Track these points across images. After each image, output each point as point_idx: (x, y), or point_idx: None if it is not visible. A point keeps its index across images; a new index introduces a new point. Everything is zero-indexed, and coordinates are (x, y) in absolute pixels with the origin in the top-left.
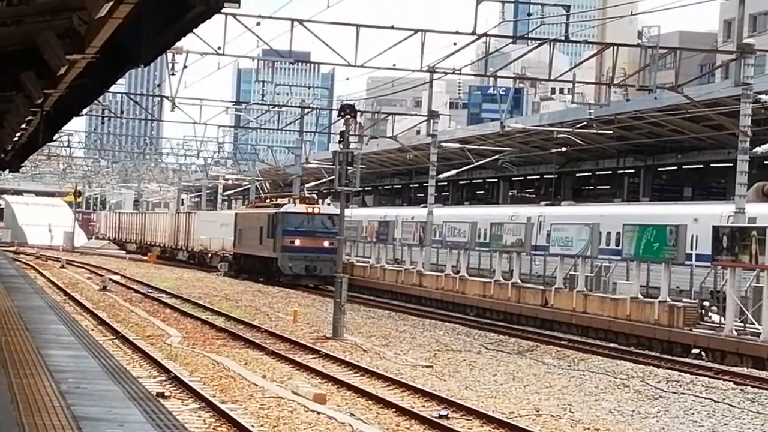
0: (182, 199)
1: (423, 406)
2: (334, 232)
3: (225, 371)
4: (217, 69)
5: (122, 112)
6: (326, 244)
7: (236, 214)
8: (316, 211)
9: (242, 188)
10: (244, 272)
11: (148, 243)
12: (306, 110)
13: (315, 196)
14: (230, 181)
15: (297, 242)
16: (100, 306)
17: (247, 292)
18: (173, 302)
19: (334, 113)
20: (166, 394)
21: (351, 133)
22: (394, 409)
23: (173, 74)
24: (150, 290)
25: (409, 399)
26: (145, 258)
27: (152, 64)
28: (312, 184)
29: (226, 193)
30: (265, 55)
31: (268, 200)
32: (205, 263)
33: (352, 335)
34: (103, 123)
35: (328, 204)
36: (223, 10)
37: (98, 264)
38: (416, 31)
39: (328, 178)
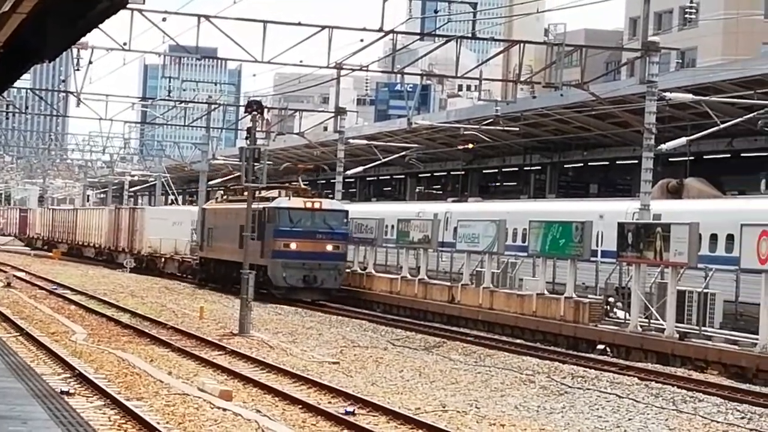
0: (88, 195)
1: (329, 403)
2: (340, 232)
3: (130, 368)
4: (122, 65)
5: (27, 107)
6: (329, 247)
7: (203, 210)
8: (317, 206)
9: (148, 184)
10: (213, 281)
11: (80, 244)
12: (213, 106)
13: (309, 187)
14: (136, 177)
15: (293, 245)
16: (4, 303)
17: (153, 288)
18: (78, 299)
19: (241, 109)
20: (70, 391)
21: (258, 129)
22: (300, 406)
23: (78, 70)
24: (55, 287)
25: (315, 395)
26: (50, 254)
27: (57, 60)
28: (218, 180)
29: (132, 190)
30: (172, 51)
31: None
32: (155, 268)
33: (259, 332)
34: (7, 118)
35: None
36: (128, 6)
37: (2, 260)
38: (323, 27)
39: (235, 175)
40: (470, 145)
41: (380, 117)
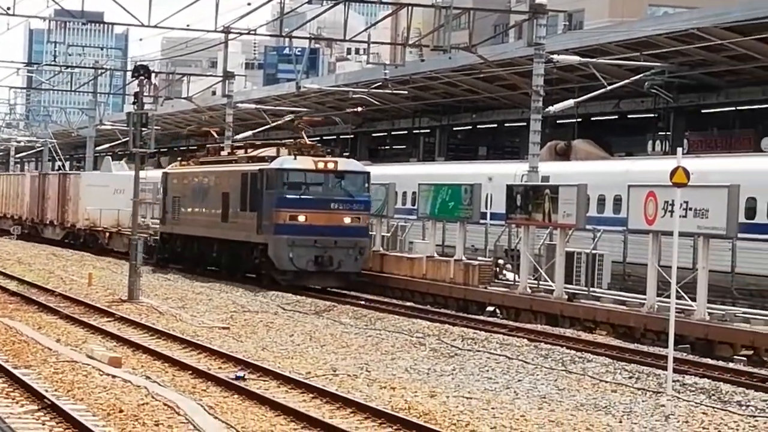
0: None
1: (220, 368)
2: (361, 200)
3: (18, 336)
4: (6, 29)
5: None
6: (348, 220)
7: (165, 175)
8: (331, 166)
9: (35, 150)
10: (178, 262)
11: None
12: (100, 71)
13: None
14: (22, 144)
15: (301, 218)
16: None
17: (40, 255)
18: None
19: (128, 74)
20: None
21: (145, 94)
22: (190, 371)
23: None
24: None
25: (205, 361)
26: None
27: None
28: (106, 146)
29: (18, 156)
30: (57, 15)
31: (234, 151)
32: (94, 245)
33: (149, 298)
34: None
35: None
36: None
37: None
38: None
39: (123, 140)
40: (359, 109)
41: (269, 81)
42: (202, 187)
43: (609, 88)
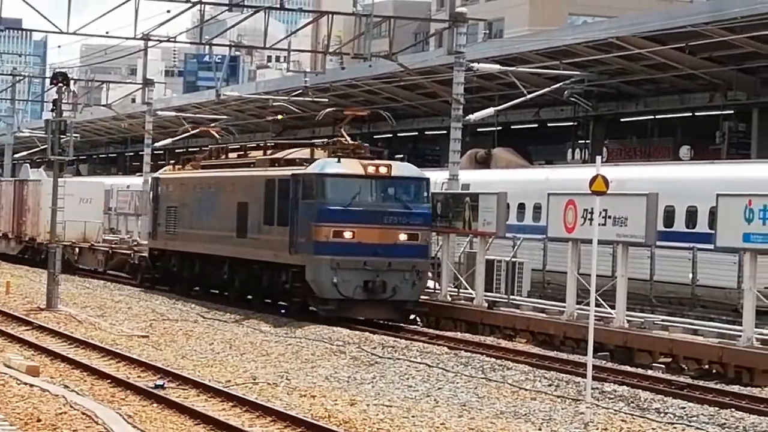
0: None
1: (139, 377)
2: (419, 213)
3: None
4: None
5: None
6: (404, 237)
7: (156, 181)
8: (384, 171)
9: None
10: (172, 283)
11: None
12: (18, 78)
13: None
14: None
15: (348, 234)
16: None
17: None
18: None
19: (47, 81)
20: None
21: (64, 101)
22: (109, 380)
23: None
24: None
25: (124, 369)
26: None
27: None
28: (24, 153)
29: None
30: None
31: (247, 153)
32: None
33: (67, 306)
34: None
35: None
36: None
37: None
38: None
39: (41, 147)
40: (279, 117)
41: (189, 88)
42: (207, 195)
43: (529, 96)
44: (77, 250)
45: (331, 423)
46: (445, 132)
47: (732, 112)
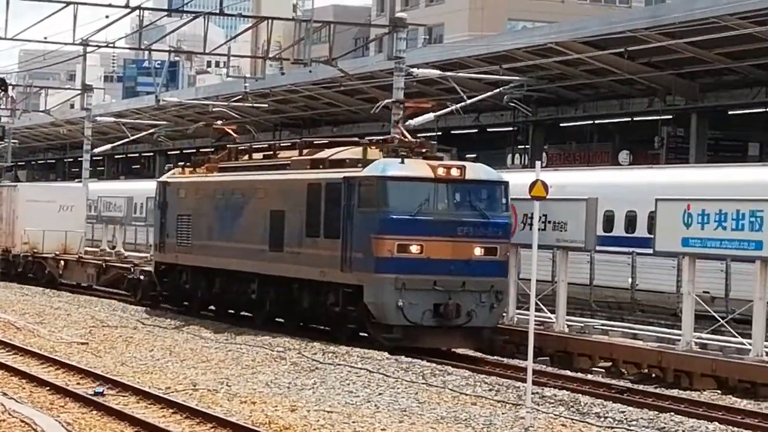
0: None
1: (78, 384)
2: (498, 222)
3: None
4: None
5: None
6: (479, 251)
7: (164, 185)
8: (455, 174)
9: None
10: (178, 301)
11: None
12: None
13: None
14: None
15: (414, 248)
16: None
17: None
18: None
19: None
20: None
21: (2, 107)
22: (48, 388)
23: None
24: None
25: (64, 376)
26: None
27: None
28: None
29: None
30: None
31: (276, 153)
32: (41, 275)
33: (5, 313)
34: None
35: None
36: None
37: None
38: (68, 3)
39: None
40: (219, 122)
41: (128, 94)
42: (231, 202)
43: (469, 101)
44: (62, 262)
45: (272, 429)
46: (386, 137)
47: (671, 117)
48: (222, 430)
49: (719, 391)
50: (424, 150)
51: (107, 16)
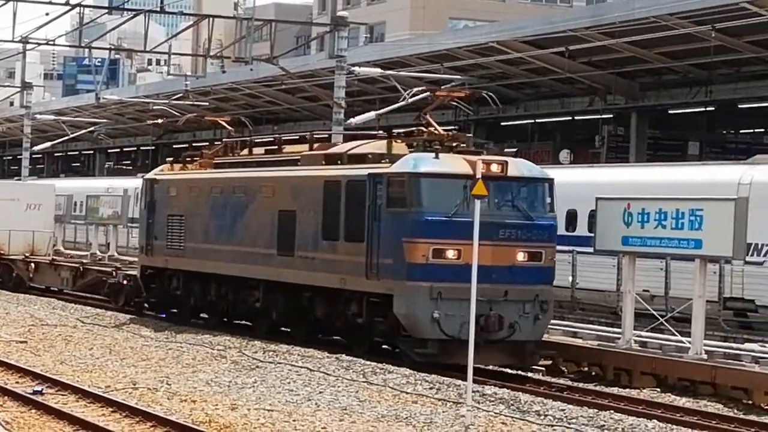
0: None
1: (17, 383)
2: (544, 224)
3: None
4: None
5: None
6: (523, 257)
7: (152, 183)
8: (496, 170)
9: None
10: (167, 307)
11: None
12: None
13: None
14: None
15: (451, 254)
16: None
17: None
18: None
19: None
20: None
21: None
22: None
23: None
24: None
25: (2, 375)
26: None
27: None
28: None
29: None
30: None
31: (282, 147)
32: (7, 278)
33: None
34: None
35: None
36: None
37: None
38: (8, 0)
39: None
40: (160, 120)
41: (68, 92)
42: (230, 201)
43: (410, 100)
44: (32, 265)
45: (212, 428)
46: (326, 136)
47: (611, 116)
48: (162, 429)
49: (658, 389)
50: (454, 144)
51: (47, 14)
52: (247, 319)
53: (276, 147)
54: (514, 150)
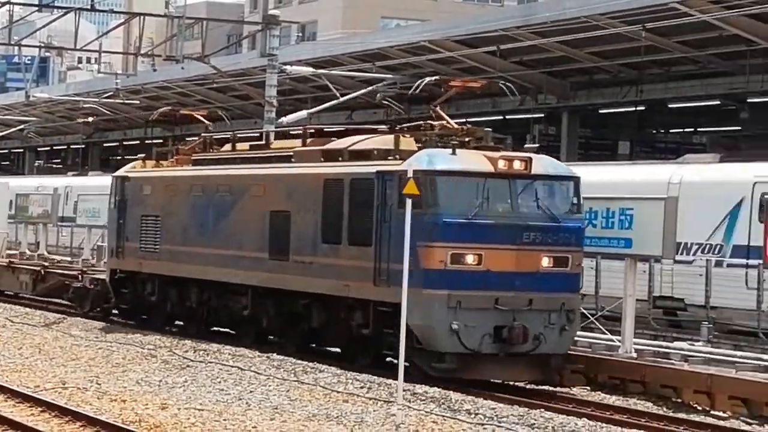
0: None
1: None
2: (570, 226)
3: None
4: None
5: None
6: (547, 262)
7: (123, 181)
8: (518, 167)
9: None
10: (143, 314)
11: None
12: None
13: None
14: None
15: (470, 259)
16: None
17: None
18: None
19: None
20: None
21: None
22: None
23: None
24: None
25: None
26: None
27: None
28: None
29: None
30: None
31: (296, 141)
32: None
33: None
34: None
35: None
36: None
37: None
38: None
39: None
40: (90, 119)
41: None
42: (213, 200)
43: (342, 99)
44: None
45: (142, 427)
46: (257, 134)
47: (542, 115)
48: (91, 429)
49: (588, 388)
50: (467, 139)
51: None
52: (230, 327)
53: (263, 143)
54: (536, 146)
